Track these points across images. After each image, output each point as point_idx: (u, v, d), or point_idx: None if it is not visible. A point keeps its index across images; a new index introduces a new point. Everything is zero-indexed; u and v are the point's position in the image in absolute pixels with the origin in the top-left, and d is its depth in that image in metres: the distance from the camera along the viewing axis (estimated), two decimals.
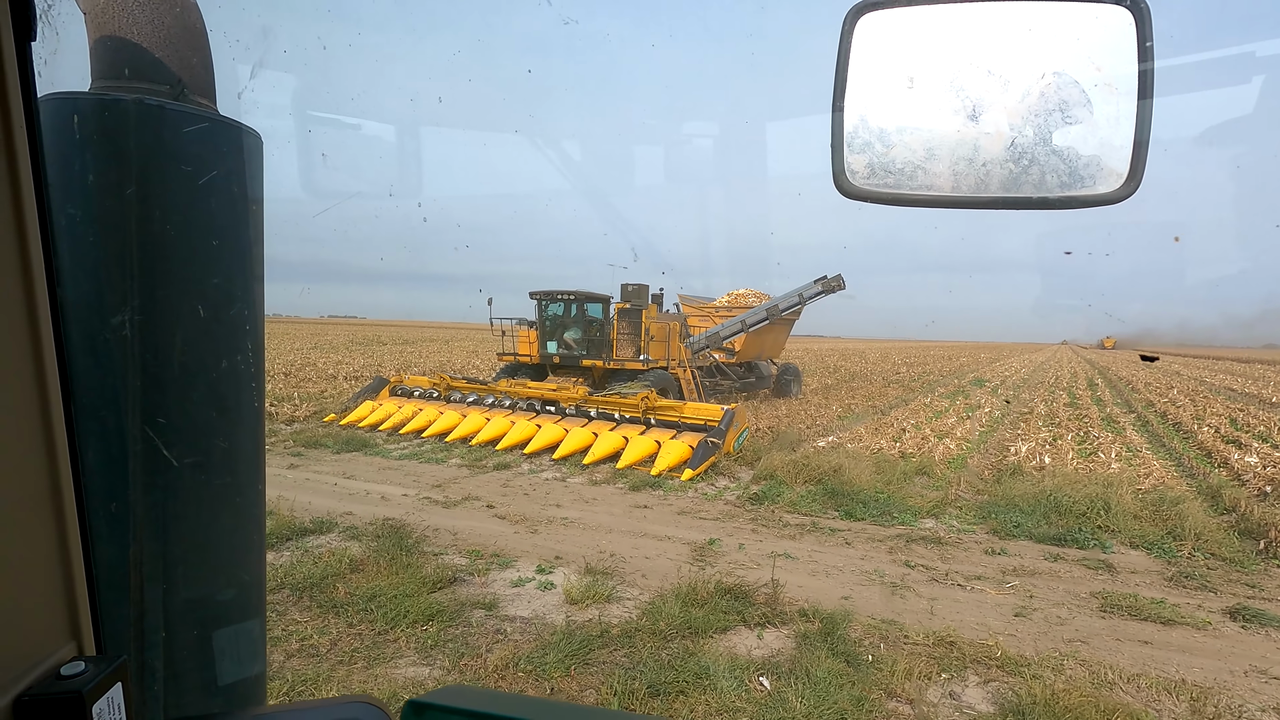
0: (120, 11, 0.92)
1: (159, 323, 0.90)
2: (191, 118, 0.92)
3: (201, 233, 0.94)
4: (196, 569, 0.97)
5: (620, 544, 6.80)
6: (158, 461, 0.90)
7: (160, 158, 0.89)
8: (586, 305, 13.81)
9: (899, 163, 0.94)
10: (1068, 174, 0.89)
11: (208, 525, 0.98)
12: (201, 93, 0.98)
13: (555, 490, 8.91)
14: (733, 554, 6.59)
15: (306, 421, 13.49)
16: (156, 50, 0.93)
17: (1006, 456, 11.32)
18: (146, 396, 0.89)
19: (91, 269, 0.86)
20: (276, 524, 6.80)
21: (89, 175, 0.85)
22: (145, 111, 0.88)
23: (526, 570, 5.97)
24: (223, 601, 1.01)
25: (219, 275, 0.97)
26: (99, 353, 0.86)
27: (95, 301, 0.86)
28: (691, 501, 8.55)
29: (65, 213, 0.83)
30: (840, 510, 8.09)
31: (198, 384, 0.95)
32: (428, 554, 6.23)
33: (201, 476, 0.96)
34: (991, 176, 0.90)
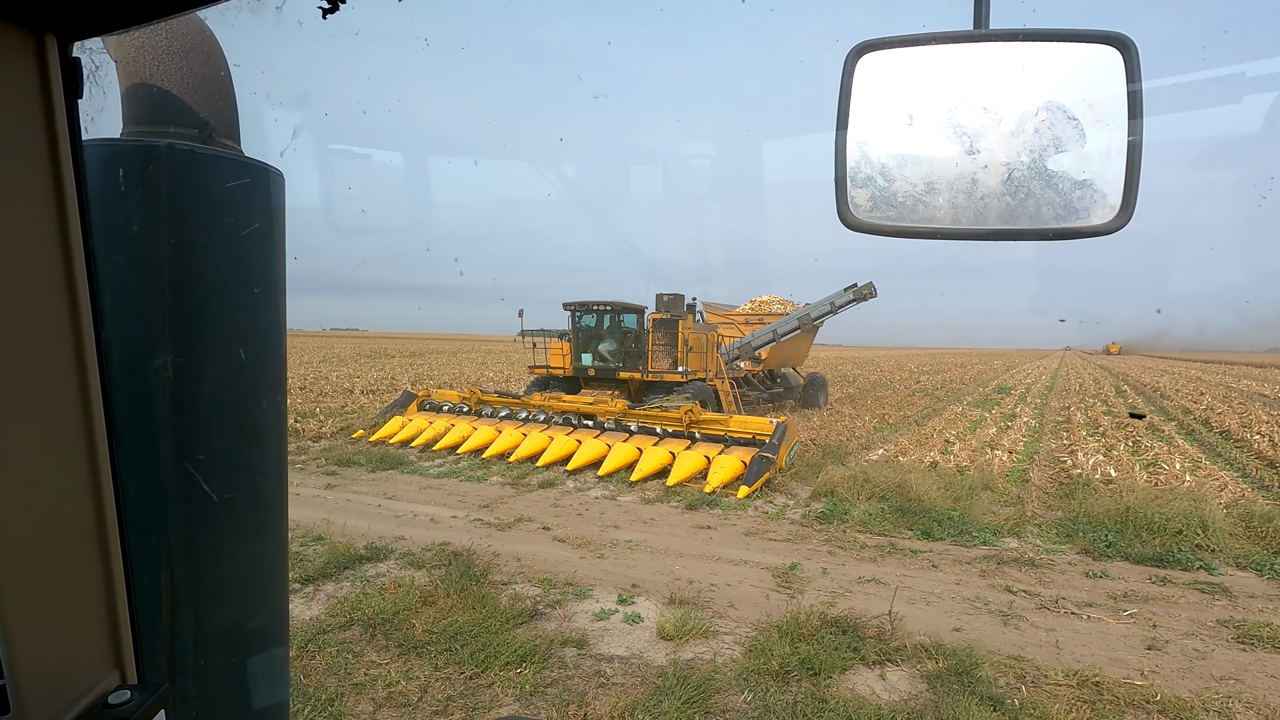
0: (151, 59, 0.95)
1: (201, 364, 0.93)
2: (221, 160, 0.95)
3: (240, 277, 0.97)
4: (231, 597, 1.00)
5: (695, 570, 6.39)
6: (196, 495, 0.93)
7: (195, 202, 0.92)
8: (622, 316, 13.44)
9: (900, 196, 0.97)
10: (1063, 206, 0.92)
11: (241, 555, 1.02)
12: (227, 135, 1.01)
13: (608, 510, 8.51)
14: (818, 580, 6.18)
15: (334, 438, 13.11)
16: (185, 95, 0.96)
17: (1066, 468, 10.92)
18: (186, 434, 0.92)
19: (135, 312, 0.88)
20: (330, 551, 6.41)
21: (133, 224, 0.87)
22: (177, 155, 0.90)
23: (606, 601, 5.56)
24: (254, 628, 1.04)
25: (258, 318, 1.00)
26: (140, 393, 0.88)
27: (137, 344, 0.89)
28: (754, 521, 8.14)
29: (110, 260, 0.85)
30: (915, 529, 7.68)
31: (236, 421, 0.98)
32: (497, 583, 5.83)
33: (238, 510, 0.99)
34: (989, 209, 0.93)
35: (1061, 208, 0.93)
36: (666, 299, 13.38)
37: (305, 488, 9.40)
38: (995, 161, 0.92)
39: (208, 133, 0.99)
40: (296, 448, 12.32)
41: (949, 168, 0.94)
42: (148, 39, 0.97)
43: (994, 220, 0.94)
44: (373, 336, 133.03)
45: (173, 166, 0.90)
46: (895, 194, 0.98)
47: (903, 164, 0.98)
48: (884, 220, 1.00)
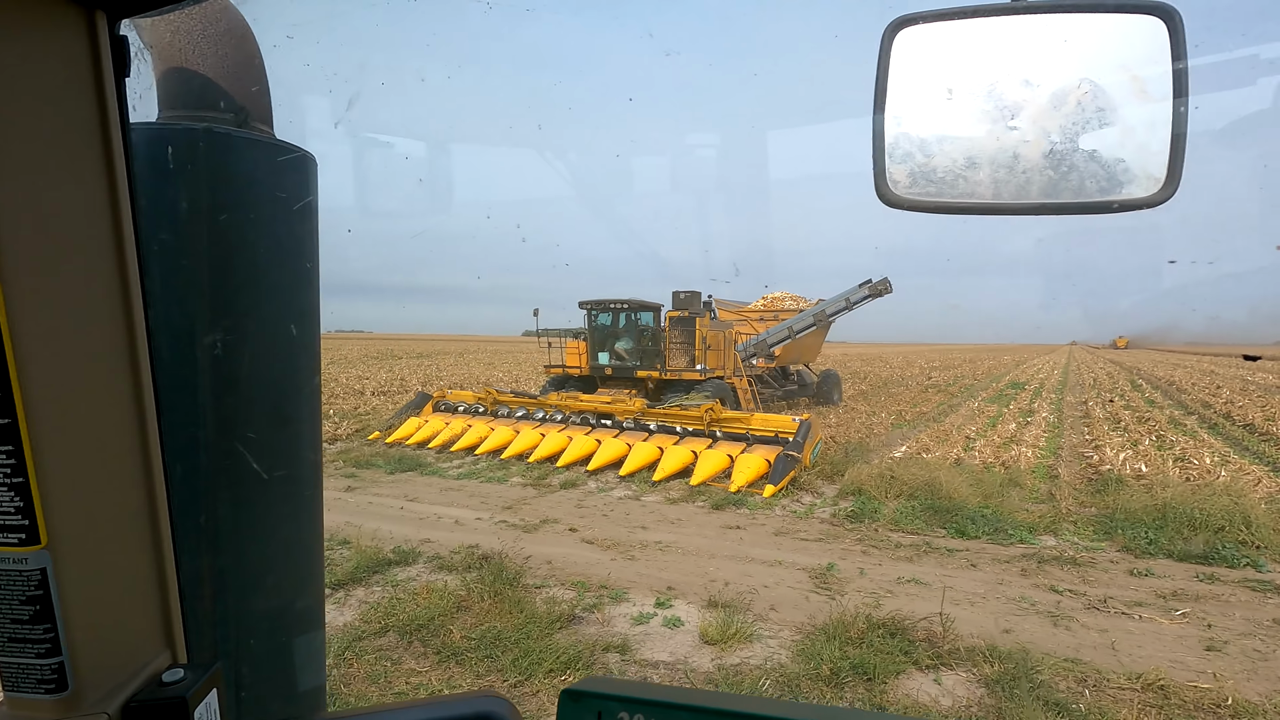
0: (186, 45, 0.95)
1: (243, 345, 0.92)
2: (258, 144, 0.95)
3: (279, 259, 0.97)
4: (274, 580, 0.99)
5: (729, 570, 6.26)
6: (240, 476, 0.92)
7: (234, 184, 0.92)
8: (639, 314, 13.29)
9: (940, 171, 0.96)
10: (1106, 179, 0.91)
11: (282, 538, 1.00)
12: (261, 119, 1.00)
13: (634, 510, 8.39)
14: (856, 580, 6.05)
15: (350, 440, 13.01)
16: (220, 80, 0.96)
17: (1092, 464, 10.76)
18: (231, 414, 0.91)
19: (182, 292, 0.87)
20: (357, 554, 6.30)
21: (181, 203, 0.87)
22: (216, 139, 0.90)
23: (644, 604, 5.44)
24: (296, 610, 1.03)
25: (296, 300, 1.00)
26: (185, 373, 0.87)
27: (186, 323, 0.88)
28: (783, 520, 8.01)
29: (158, 239, 0.84)
30: (949, 528, 7.54)
31: (277, 402, 0.97)
32: (530, 587, 5.71)
33: (280, 491, 0.98)
34: (1031, 183, 0.92)
35: (1105, 180, 0.91)
36: (683, 296, 13.24)
37: (326, 490, 9.19)
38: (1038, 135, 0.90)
39: (243, 117, 0.99)
40: None
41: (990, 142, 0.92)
42: (182, 23, 0.97)
43: (1036, 194, 0.93)
44: (378, 338, 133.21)
45: (212, 149, 0.90)
46: (935, 169, 0.97)
47: (942, 139, 0.97)
48: (923, 196, 0.98)
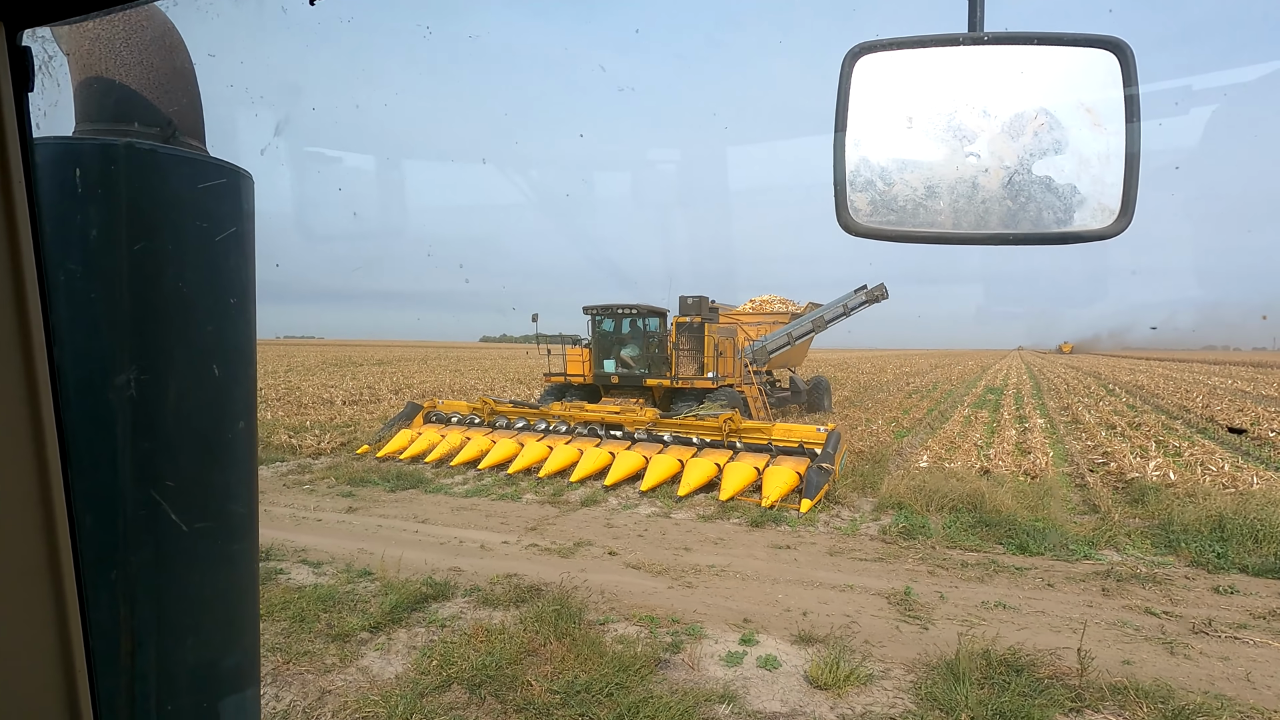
0: (107, 53, 0.88)
1: (165, 383, 0.85)
2: (186, 161, 0.88)
3: (208, 288, 0.89)
4: (199, 634, 0.92)
5: (801, 598, 5.78)
6: (160, 525, 0.86)
7: (158, 206, 0.84)
8: (646, 319, 12.74)
9: (900, 200, 0.97)
10: (1063, 210, 0.93)
11: (210, 589, 0.94)
12: (191, 133, 0.94)
13: (669, 530, 7.84)
14: (939, 605, 5.63)
15: (336, 454, 12.16)
16: (145, 92, 0.90)
17: (1112, 471, 10.63)
18: (149, 459, 0.85)
19: (91, 326, 0.80)
20: (387, 588, 5.62)
21: (90, 229, 0.79)
22: (138, 155, 0.82)
23: (726, 641, 4.91)
24: (225, 667, 0.96)
25: (227, 332, 0.92)
26: (98, 414, 0.80)
27: (95, 361, 0.81)
28: (830, 537, 7.57)
29: (64, 268, 0.77)
30: (1007, 544, 7.20)
31: (204, 445, 0.91)
32: (593, 623, 5.13)
33: (207, 540, 0.91)
34: (990, 213, 0.93)
35: (1062, 211, 0.93)
36: (691, 301, 12.75)
37: (325, 512, 8.52)
38: (996, 165, 0.91)
39: (170, 131, 0.91)
40: (298, 465, 11.37)
41: (949, 171, 0.93)
42: (104, 30, 0.87)
43: (995, 224, 0.93)
44: (330, 344, 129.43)
45: (133, 167, 0.81)
46: (895, 198, 0.97)
47: (903, 167, 0.96)
48: (884, 225, 0.98)
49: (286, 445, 12.65)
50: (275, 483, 10.20)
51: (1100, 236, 0.94)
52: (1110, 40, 0.92)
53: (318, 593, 5.52)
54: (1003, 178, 0.91)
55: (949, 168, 0.93)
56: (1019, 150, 0.90)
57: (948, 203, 0.94)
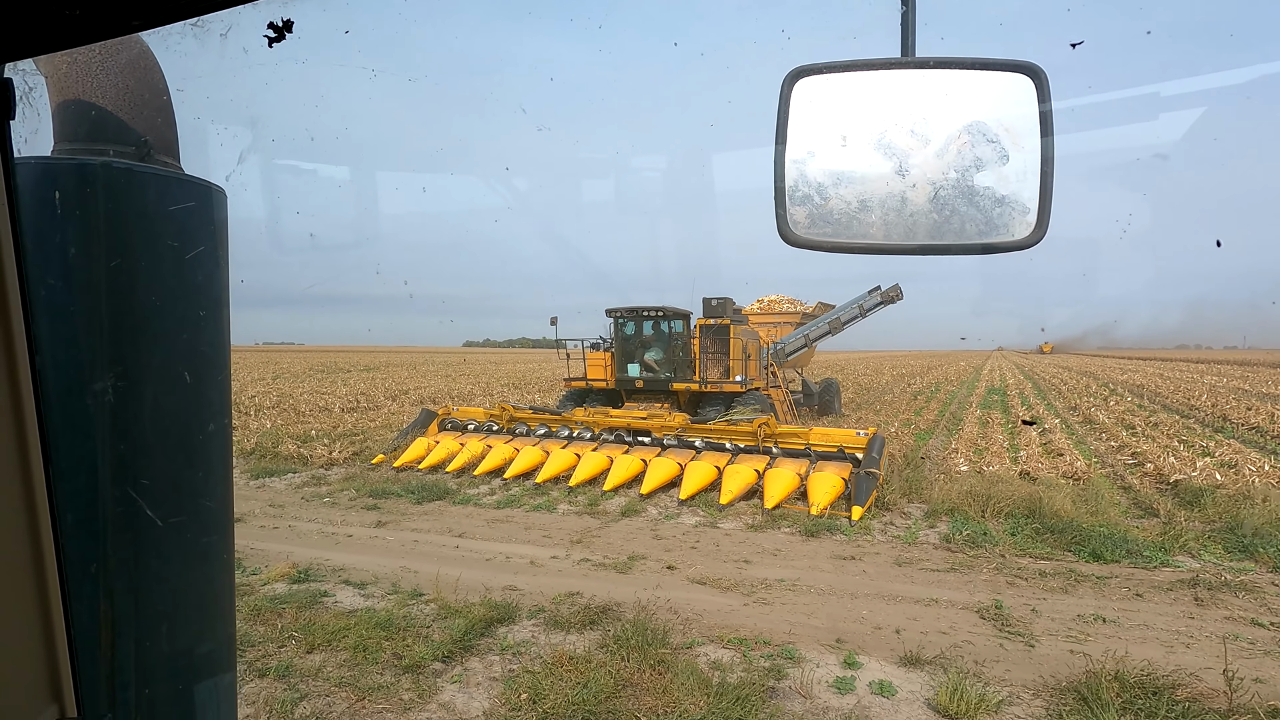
0: (84, 75, 0.91)
1: (142, 388, 0.89)
2: (161, 179, 0.91)
3: (182, 298, 0.93)
4: (175, 624, 0.96)
5: (886, 614, 5.46)
6: (140, 522, 0.90)
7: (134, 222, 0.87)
8: (672, 322, 12.35)
9: (836, 213, 1.03)
10: (984, 223, 0.99)
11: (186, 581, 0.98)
12: (166, 152, 0.97)
13: (721, 541, 7.49)
14: (1034, 620, 5.32)
15: (350, 464, 11.68)
16: (120, 113, 0.92)
17: (1149, 473, 10.44)
18: (127, 459, 0.88)
19: (71, 336, 0.84)
20: (446, 611, 5.22)
21: (69, 246, 0.83)
22: (114, 174, 0.86)
23: (828, 665, 4.57)
24: (201, 654, 1.00)
25: (202, 340, 0.96)
26: (78, 418, 0.85)
27: (75, 369, 0.85)
28: (891, 547, 7.26)
29: (45, 282, 0.81)
30: (1078, 551, 6.93)
31: (179, 445, 0.94)
32: (679, 647, 4.77)
33: (185, 535, 0.95)
34: (918, 225, 0.99)
35: (984, 224, 0.99)
36: (715, 303, 12.40)
37: (353, 527, 8.07)
38: (923, 180, 0.97)
39: (145, 150, 0.94)
40: (311, 476, 10.88)
41: (880, 186, 0.99)
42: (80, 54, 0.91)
43: (923, 236, 0.99)
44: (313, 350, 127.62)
45: (110, 186, 0.85)
46: (831, 211, 1.02)
47: (838, 182, 1.02)
48: (821, 236, 1.04)
49: (296, 456, 12.15)
50: (293, 496, 9.72)
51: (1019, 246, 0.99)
52: (1026, 65, 0.98)
53: (373, 618, 5.10)
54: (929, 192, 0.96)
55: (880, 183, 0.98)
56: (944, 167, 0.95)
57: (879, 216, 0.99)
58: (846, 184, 1.01)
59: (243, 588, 5.87)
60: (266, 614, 5.25)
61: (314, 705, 4.02)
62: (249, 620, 5.16)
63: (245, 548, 7.12)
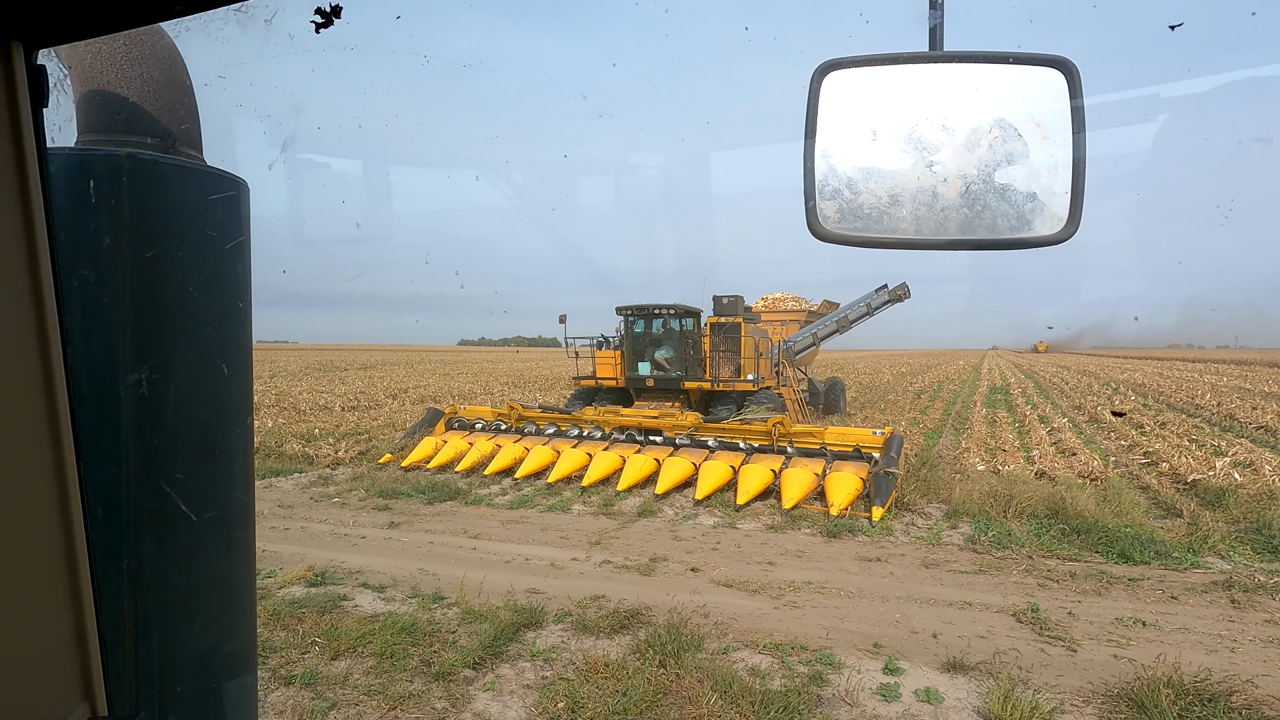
0: (108, 66, 0.91)
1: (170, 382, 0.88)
2: (185, 171, 0.91)
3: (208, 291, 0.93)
4: (201, 621, 0.95)
5: (921, 617, 5.34)
6: (171, 517, 0.89)
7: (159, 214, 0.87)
8: (684, 320, 12.21)
9: (866, 208, 1.02)
10: (1016, 218, 0.99)
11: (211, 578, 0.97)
12: (190, 145, 0.97)
13: (742, 543, 7.37)
14: (1072, 624, 5.22)
15: (357, 464, 11.53)
16: (145, 104, 0.93)
17: (1164, 472, 10.37)
18: (160, 453, 0.88)
19: (103, 329, 0.84)
20: (470, 615, 5.09)
21: (103, 237, 0.83)
22: (139, 165, 0.86)
23: (868, 671, 4.45)
24: (226, 653, 1.00)
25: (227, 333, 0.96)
26: (108, 411, 0.84)
27: (108, 361, 0.84)
28: (915, 548, 7.15)
29: (78, 274, 0.81)
30: (1105, 552, 6.83)
31: (206, 440, 0.94)
32: (714, 652, 4.64)
33: (209, 530, 0.94)
34: (949, 220, 0.99)
35: (1015, 219, 0.99)
36: (726, 301, 12.27)
37: (366, 528, 7.92)
38: (954, 175, 0.97)
39: (169, 142, 0.94)
40: (318, 476, 10.72)
41: (911, 181, 0.99)
42: (104, 45, 0.91)
43: (954, 231, 0.98)
44: (308, 349, 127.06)
45: (135, 177, 0.85)
46: (861, 206, 1.02)
47: (868, 177, 1.02)
48: (851, 231, 1.03)
49: (301, 455, 11.99)
50: (300, 496, 9.56)
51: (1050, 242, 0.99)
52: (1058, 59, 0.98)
53: (397, 623, 4.96)
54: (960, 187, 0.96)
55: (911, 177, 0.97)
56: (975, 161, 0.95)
57: (910, 210, 0.98)
58: (877, 178, 1.00)
59: (259, 591, 5.71)
60: (286, 618, 5.10)
61: (345, 715, 3.88)
62: (269, 625, 5.01)
63: (258, 549, 6.94)
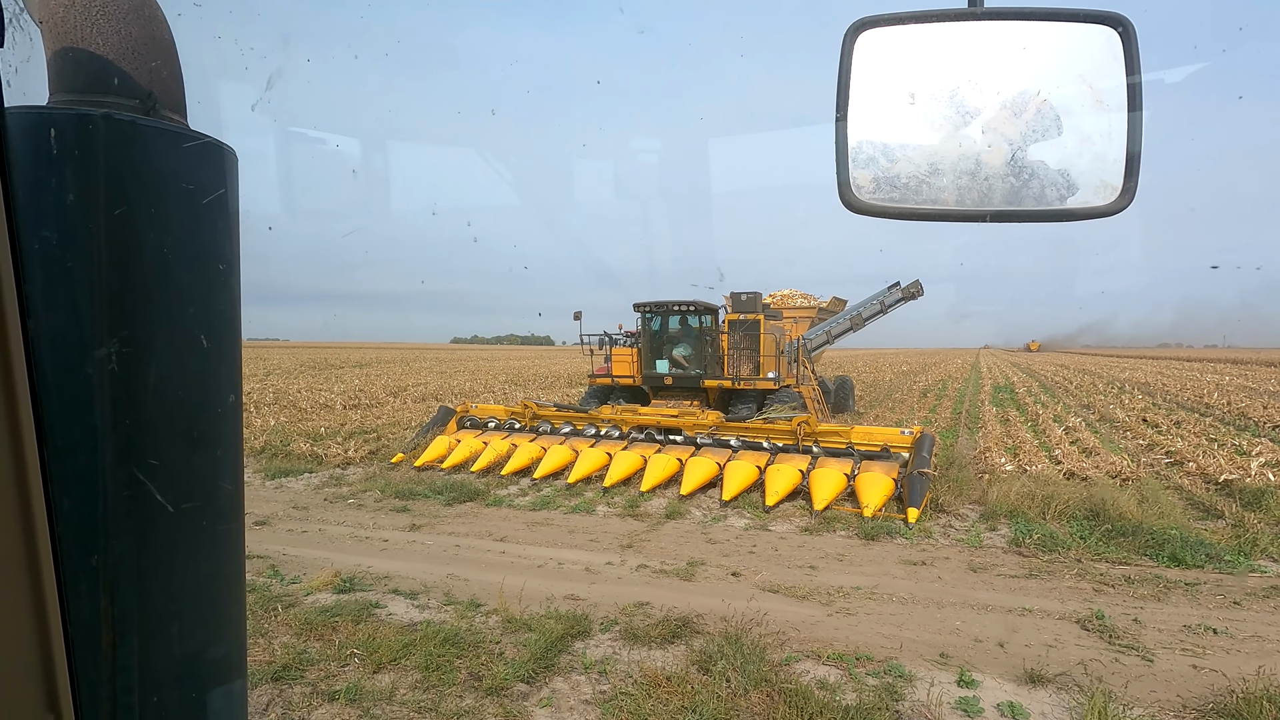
0: (82, 21, 0.84)
1: (147, 357, 0.79)
2: (166, 134, 0.83)
3: (190, 259, 0.84)
4: (184, 624, 0.86)
5: (981, 625, 5.13)
6: (144, 508, 0.80)
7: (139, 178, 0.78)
8: (703, 317, 11.96)
9: (904, 177, 0.96)
10: (1065, 188, 0.92)
11: (200, 576, 0.88)
12: (172, 107, 0.90)
13: (778, 545, 7.15)
14: (1141, 631, 5.02)
15: (368, 463, 11.24)
16: (122, 63, 0.85)
17: (1190, 472, 10.22)
18: (135, 437, 0.79)
19: (69, 298, 0.74)
20: (513, 624, 4.84)
21: (68, 195, 0.74)
22: (116, 126, 0.77)
23: (943, 684, 4.23)
24: (211, 659, 0.89)
25: (210, 305, 0.87)
26: (76, 390, 0.75)
27: (75, 333, 0.75)
28: (958, 550, 6.95)
29: (39, 235, 0.72)
30: (1156, 555, 6.64)
31: (189, 422, 0.84)
32: (776, 664, 4.41)
33: (199, 523, 0.86)
34: (994, 190, 0.93)
35: (1065, 189, 0.92)
36: (745, 297, 12.04)
37: (386, 530, 7.65)
38: (999, 142, 0.90)
39: (150, 104, 0.85)
40: (330, 476, 10.44)
41: (952, 148, 0.92)
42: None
43: (999, 201, 0.92)
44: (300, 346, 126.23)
45: (111, 139, 0.76)
46: (899, 175, 0.96)
47: (905, 144, 0.96)
48: (888, 202, 0.97)
49: (309, 454, 11.69)
50: (314, 497, 9.27)
51: (1103, 214, 0.94)
52: (1112, 16, 0.91)
53: (438, 633, 4.71)
54: (1006, 155, 0.91)
55: (952, 145, 0.91)
56: (1021, 127, 0.89)
57: (951, 180, 0.93)
58: (915, 146, 0.94)
59: (285, 598, 5.45)
60: (320, 627, 4.84)
61: None
62: (301, 635, 4.75)
63: (278, 553, 6.69)
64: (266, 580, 5.90)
